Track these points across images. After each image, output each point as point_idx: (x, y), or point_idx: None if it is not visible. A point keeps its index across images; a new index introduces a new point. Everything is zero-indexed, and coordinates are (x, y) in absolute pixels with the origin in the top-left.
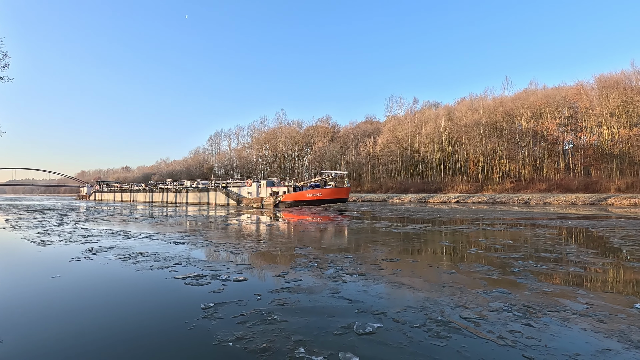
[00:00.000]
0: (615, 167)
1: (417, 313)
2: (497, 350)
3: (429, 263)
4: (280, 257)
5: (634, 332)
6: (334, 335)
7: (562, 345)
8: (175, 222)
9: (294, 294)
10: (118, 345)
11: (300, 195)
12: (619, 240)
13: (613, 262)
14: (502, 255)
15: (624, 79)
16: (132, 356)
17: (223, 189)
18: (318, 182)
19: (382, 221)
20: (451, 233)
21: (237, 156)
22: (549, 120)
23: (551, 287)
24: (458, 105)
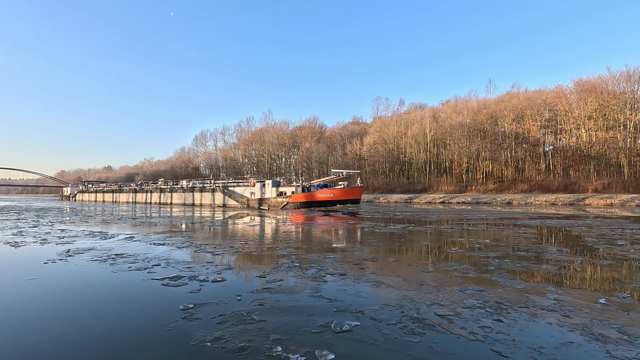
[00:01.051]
0: (593, 169)
1: (394, 311)
2: (468, 345)
3: (409, 262)
4: (263, 257)
5: (596, 326)
6: (311, 333)
7: (529, 339)
8: (167, 224)
9: (274, 294)
10: (94, 349)
11: (310, 196)
12: (593, 239)
13: (584, 260)
14: (480, 254)
15: (601, 84)
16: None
17: (224, 189)
18: (326, 182)
19: (367, 221)
20: (433, 233)
21: (223, 156)
22: (531, 122)
23: (523, 284)
24: (443, 107)
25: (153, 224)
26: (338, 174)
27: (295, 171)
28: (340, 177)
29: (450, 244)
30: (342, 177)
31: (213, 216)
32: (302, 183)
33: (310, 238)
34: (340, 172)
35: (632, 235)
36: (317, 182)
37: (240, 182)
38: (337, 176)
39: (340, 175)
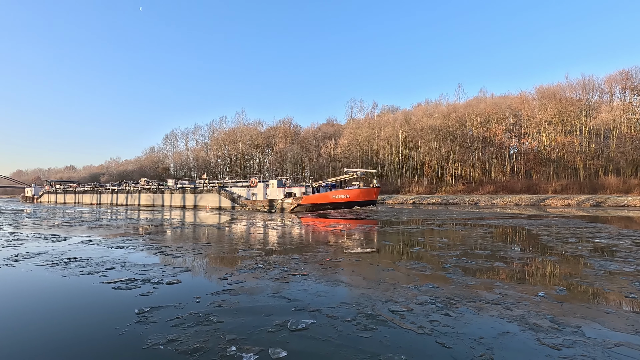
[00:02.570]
0: (552, 171)
1: (350, 308)
2: (415, 338)
3: (371, 262)
4: (227, 259)
5: (532, 317)
6: (267, 332)
7: (471, 331)
8: (133, 227)
9: (234, 296)
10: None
11: (324, 197)
12: (548, 237)
13: (534, 257)
14: (440, 253)
15: (560, 91)
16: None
17: (220, 189)
18: (336, 181)
19: (341, 222)
20: (399, 233)
21: (195, 156)
22: (496, 126)
23: (474, 280)
24: (415, 110)
25: (118, 226)
26: (352, 173)
27: (269, 172)
28: (354, 176)
29: (414, 244)
30: (356, 177)
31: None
32: (312, 183)
33: (274, 239)
34: (355, 171)
35: (582, 234)
36: (325, 182)
37: (239, 182)
38: (351, 175)
39: (355, 174)
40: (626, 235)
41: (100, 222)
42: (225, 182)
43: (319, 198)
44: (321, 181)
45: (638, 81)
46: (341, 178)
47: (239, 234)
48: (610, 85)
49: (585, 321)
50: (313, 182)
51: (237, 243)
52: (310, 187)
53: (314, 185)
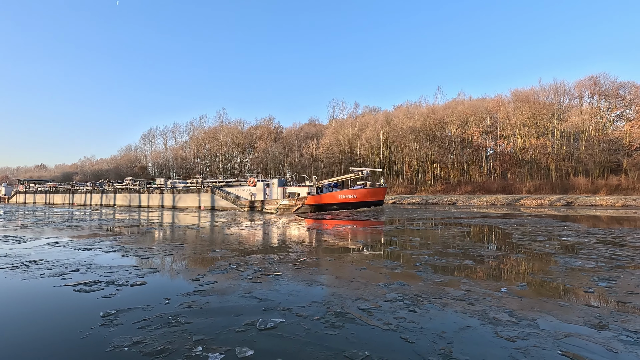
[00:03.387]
0: (527, 172)
1: (320, 307)
2: (381, 334)
3: (345, 261)
4: (201, 261)
5: (493, 311)
6: (236, 332)
7: (434, 326)
8: (105, 228)
9: (205, 296)
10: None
11: (330, 197)
12: (519, 236)
13: (503, 255)
14: (413, 252)
15: (534, 94)
16: None
17: (216, 189)
18: (338, 181)
19: (321, 222)
20: (375, 232)
21: (174, 155)
22: (474, 128)
23: (443, 277)
24: (395, 112)
25: (91, 227)
26: (358, 172)
27: (250, 172)
28: (360, 175)
29: (388, 243)
30: (361, 176)
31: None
32: (315, 183)
33: (252, 239)
34: (360, 170)
35: (551, 232)
36: (327, 182)
37: (235, 182)
38: (357, 174)
39: (361, 174)
40: (591, 234)
41: (72, 223)
42: (221, 182)
43: (325, 198)
44: (323, 181)
45: (605, 87)
46: (344, 177)
47: (222, 236)
48: (580, 90)
49: (541, 314)
50: (316, 182)
51: (215, 244)
52: (314, 186)
53: (317, 185)
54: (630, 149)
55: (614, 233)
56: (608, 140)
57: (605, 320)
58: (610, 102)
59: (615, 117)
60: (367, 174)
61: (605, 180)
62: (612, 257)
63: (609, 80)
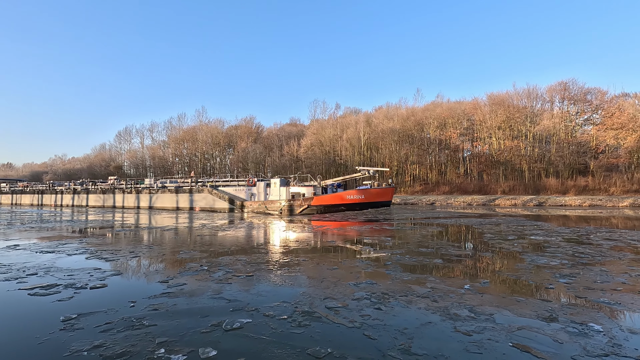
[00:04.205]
0: (501, 173)
1: (288, 307)
2: (345, 332)
3: (318, 261)
4: (173, 262)
5: (454, 308)
6: (200, 333)
7: (398, 323)
8: (78, 230)
9: (173, 298)
10: None
11: (337, 198)
12: (491, 235)
13: (472, 254)
14: (386, 251)
15: (508, 98)
16: None
17: (212, 188)
18: (342, 181)
19: (302, 222)
20: (353, 232)
21: (151, 154)
22: (452, 130)
23: (411, 276)
24: (376, 113)
25: (61, 229)
26: (365, 172)
27: (230, 172)
28: (367, 175)
29: (363, 243)
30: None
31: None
32: (320, 182)
33: (226, 240)
34: (367, 170)
35: (522, 231)
36: (331, 182)
37: (232, 181)
38: (364, 174)
39: (368, 174)
40: (559, 233)
41: (40, 225)
42: (217, 181)
43: (332, 199)
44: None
45: (574, 92)
46: (348, 177)
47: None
48: (551, 94)
49: (498, 309)
50: (321, 182)
51: (185, 245)
52: (319, 187)
53: (322, 185)
54: (596, 152)
55: (579, 232)
56: (577, 143)
57: (556, 314)
58: (579, 107)
59: (583, 121)
60: (374, 173)
61: (574, 181)
62: (575, 254)
63: (578, 86)
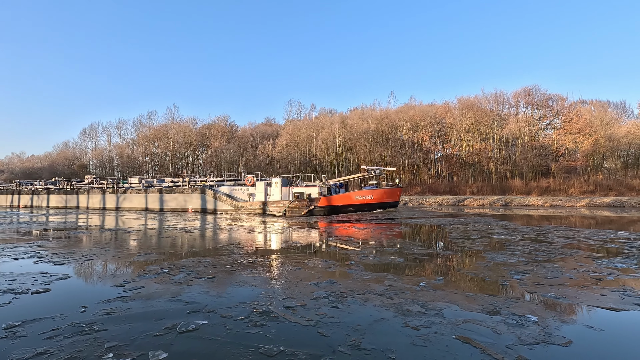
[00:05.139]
0: (470, 174)
1: (246, 307)
2: (300, 330)
3: (282, 262)
4: (132, 265)
5: (407, 304)
6: (153, 337)
7: (352, 320)
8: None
9: (127, 302)
10: None
11: (346, 198)
12: (457, 234)
13: (434, 252)
14: (351, 252)
15: (477, 102)
16: None
17: (206, 188)
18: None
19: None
20: (323, 233)
21: (119, 153)
22: (424, 132)
23: (371, 275)
24: (351, 114)
25: (14, 231)
26: (370, 172)
27: (203, 171)
28: (372, 174)
29: (328, 244)
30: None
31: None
32: (325, 182)
33: (194, 242)
34: (373, 170)
35: (486, 231)
36: (333, 182)
37: (227, 180)
38: (369, 174)
39: (373, 173)
40: (520, 231)
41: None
42: (211, 180)
43: (341, 199)
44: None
45: (537, 98)
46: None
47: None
48: (516, 99)
49: (448, 304)
50: (326, 181)
51: (152, 248)
52: (325, 187)
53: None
54: (557, 155)
55: (538, 231)
56: (539, 146)
57: (499, 307)
58: (542, 112)
59: (545, 125)
60: (380, 172)
61: (537, 182)
62: (532, 252)
63: (541, 92)
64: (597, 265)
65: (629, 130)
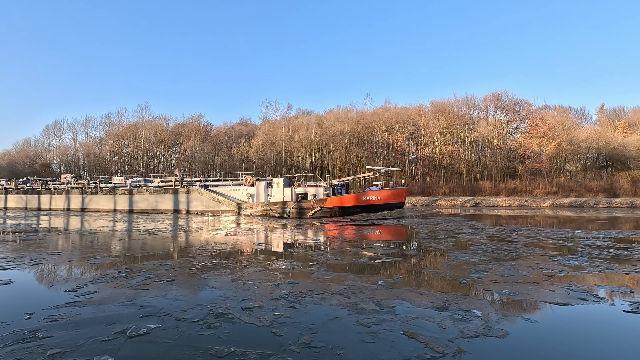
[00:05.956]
0: (443, 176)
1: (203, 310)
2: (254, 330)
3: (247, 264)
4: (87, 269)
5: (363, 302)
6: (101, 342)
7: (307, 319)
8: None
9: (78, 308)
10: None
11: (353, 199)
12: (425, 234)
13: (398, 252)
14: (317, 252)
15: (449, 106)
16: None
17: (201, 189)
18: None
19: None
20: (292, 234)
21: (85, 152)
22: (399, 134)
23: (332, 274)
24: (327, 115)
25: None
26: (376, 172)
27: None
28: (377, 174)
29: (296, 245)
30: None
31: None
32: (330, 182)
33: (155, 244)
34: (379, 169)
35: (454, 231)
36: (335, 182)
37: (223, 180)
38: (374, 174)
39: (378, 173)
40: (485, 231)
41: None
42: (205, 180)
43: (348, 200)
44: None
45: (505, 102)
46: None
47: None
48: (486, 104)
49: (401, 302)
50: (331, 181)
51: (112, 252)
52: (330, 187)
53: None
54: (523, 157)
55: (503, 230)
56: (507, 149)
57: (449, 303)
58: (510, 116)
59: (513, 129)
60: (385, 173)
61: (505, 184)
62: (494, 251)
63: (509, 97)
64: (552, 263)
65: (587, 135)
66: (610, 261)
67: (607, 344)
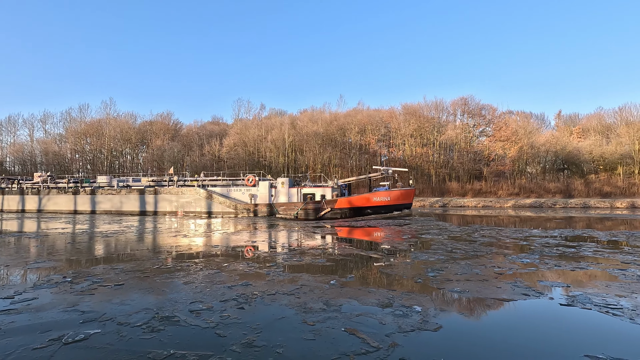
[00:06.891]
0: (413, 177)
1: (148, 313)
2: (198, 332)
3: (204, 266)
4: (28, 274)
5: (312, 302)
6: (32, 350)
7: (253, 320)
8: None
9: (12, 315)
10: None
11: (363, 200)
12: (390, 234)
13: (356, 253)
14: (278, 253)
15: (420, 109)
16: None
17: (201, 189)
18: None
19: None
20: (259, 234)
21: (44, 150)
22: (371, 136)
23: (288, 275)
24: (301, 116)
25: None
26: (383, 172)
27: (143, 171)
28: (384, 175)
29: (259, 246)
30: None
31: None
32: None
33: (107, 246)
34: (387, 169)
35: (419, 231)
36: (341, 182)
37: (222, 180)
38: (381, 174)
39: (385, 174)
40: (449, 231)
41: None
42: (203, 180)
43: (359, 201)
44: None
45: (472, 107)
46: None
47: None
48: (454, 108)
49: (349, 300)
50: (337, 181)
51: (56, 255)
52: (337, 187)
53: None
54: (488, 160)
55: (466, 230)
56: (474, 152)
57: (393, 301)
58: (476, 120)
59: (479, 133)
60: (392, 174)
61: (472, 185)
62: (453, 251)
63: (475, 102)
64: (505, 261)
65: (547, 139)
66: (558, 259)
67: (539, 335)
